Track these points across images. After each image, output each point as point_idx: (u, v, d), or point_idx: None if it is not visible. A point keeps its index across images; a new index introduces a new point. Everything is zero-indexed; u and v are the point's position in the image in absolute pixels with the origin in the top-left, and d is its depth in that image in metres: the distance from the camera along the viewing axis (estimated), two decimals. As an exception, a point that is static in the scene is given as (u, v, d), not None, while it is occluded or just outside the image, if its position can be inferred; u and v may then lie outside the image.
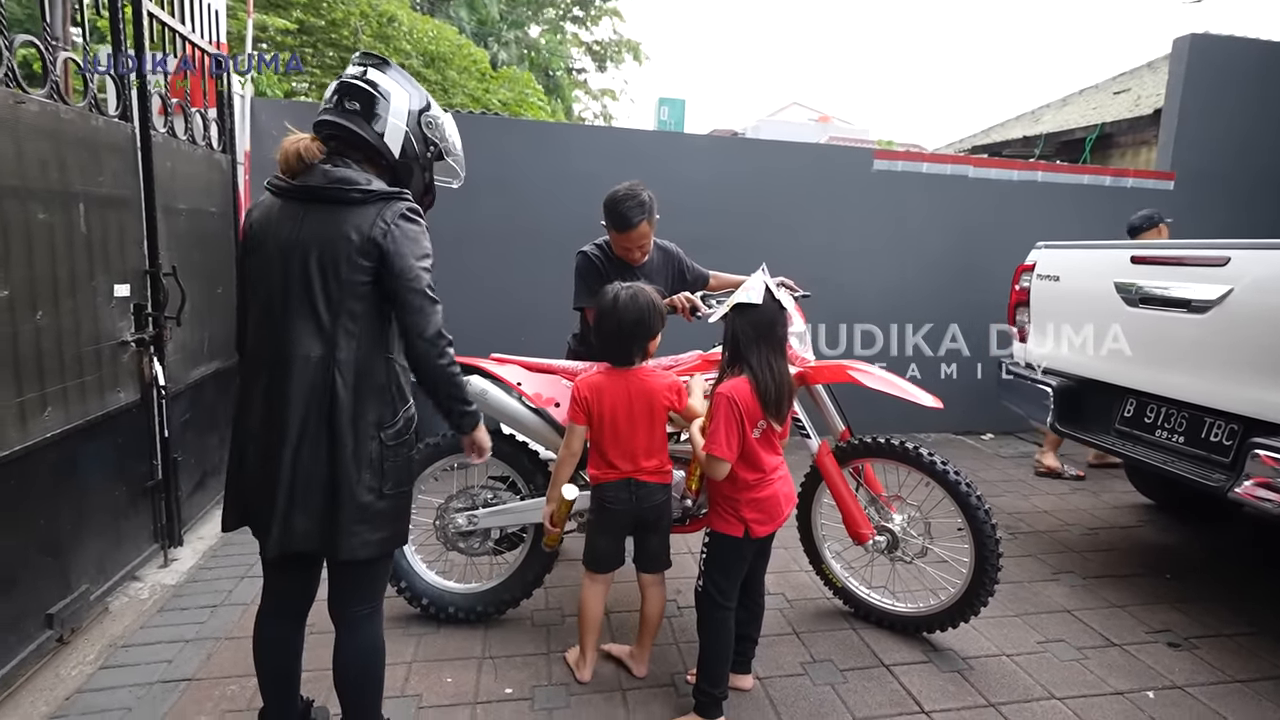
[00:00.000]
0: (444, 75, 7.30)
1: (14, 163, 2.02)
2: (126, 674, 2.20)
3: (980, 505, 2.33)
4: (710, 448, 1.88)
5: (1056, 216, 5.03)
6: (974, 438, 5.20)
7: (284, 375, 1.49)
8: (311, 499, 1.51)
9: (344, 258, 1.48)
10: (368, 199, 1.52)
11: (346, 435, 1.50)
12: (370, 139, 1.58)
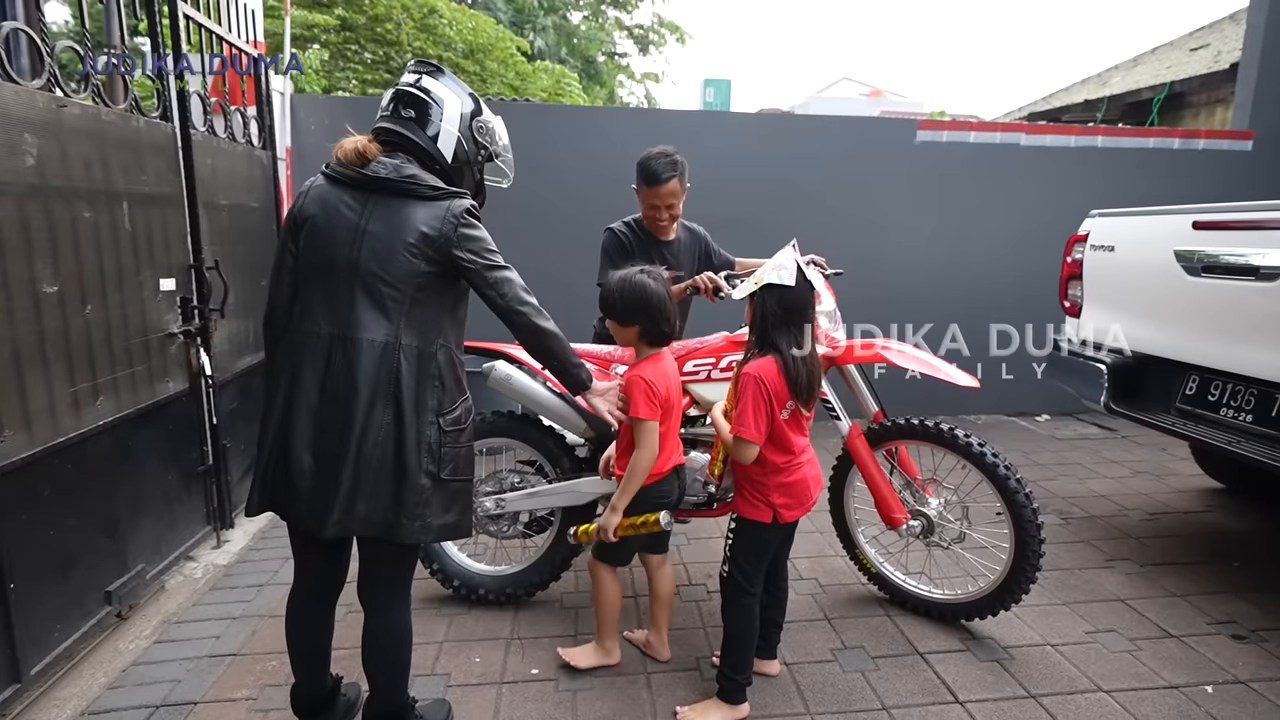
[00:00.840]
0: (483, 66, 7.36)
1: (59, 164, 2.13)
2: (178, 648, 2.32)
3: (1020, 488, 2.22)
4: (738, 430, 1.82)
5: (1121, 184, 4.73)
6: (1028, 419, 4.97)
7: (351, 358, 1.52)
8: (378, 483, 1.53)
9: (414, 249, 1.54)
10: (438, 195, 1.58)
11: (410, 419, 1.54)
12: (425, 145, 1.63)
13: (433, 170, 1.65)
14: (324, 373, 1.54)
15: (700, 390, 2.38)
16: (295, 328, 1.60)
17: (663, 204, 2.59)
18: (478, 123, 1.74)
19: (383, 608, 1.67)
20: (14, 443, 1.95)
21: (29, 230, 2.01)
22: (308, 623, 1.74)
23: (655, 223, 2.66)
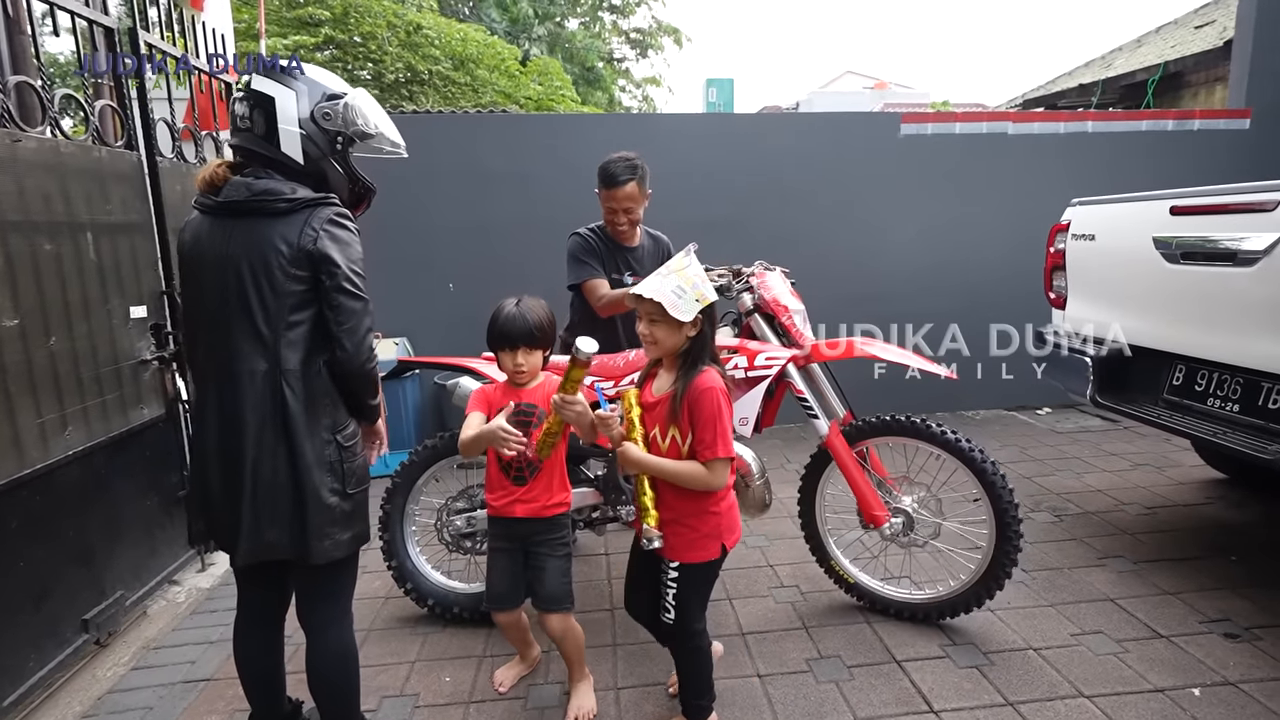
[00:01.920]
0: (473, 75, 7.39)
1: (15, 198, 2.15)
2: (154, 675, 2.32)
3: (994, 470, 2.25)
4: (720, 452, 1.63)
5: (1113, 170, 4.63)
6: (1029, 413, 4.88)
7: (234, 392, 1.52)
8: (278, 509, 1.53)
9: (276, 269, 1.49)
10: (294, 207, 1.51)
11: (304, 443, 1.52)
12: (269, 152, 1.56)
13: (298, 174, 1.58)
14: (218, 409, 1.54)
15: None
16: (196, 365, 1.61)
17: (620, 207, 2.57)
18: (321, 109, 1.59)
19: (317, 627, 1.67)
20: (-25, 477, 1.96)
21: (-15, 265, 2.03)
22: (252, 647, 1.73)
23: (615, 227, 2.64)
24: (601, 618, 2.54)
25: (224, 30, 3.47)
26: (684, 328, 1.64)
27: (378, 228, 4.26)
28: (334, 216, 1.54)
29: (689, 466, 1.66)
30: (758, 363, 2.34)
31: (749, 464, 2.37)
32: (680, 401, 1.66)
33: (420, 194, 4.27)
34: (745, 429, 2.36)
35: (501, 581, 2.02)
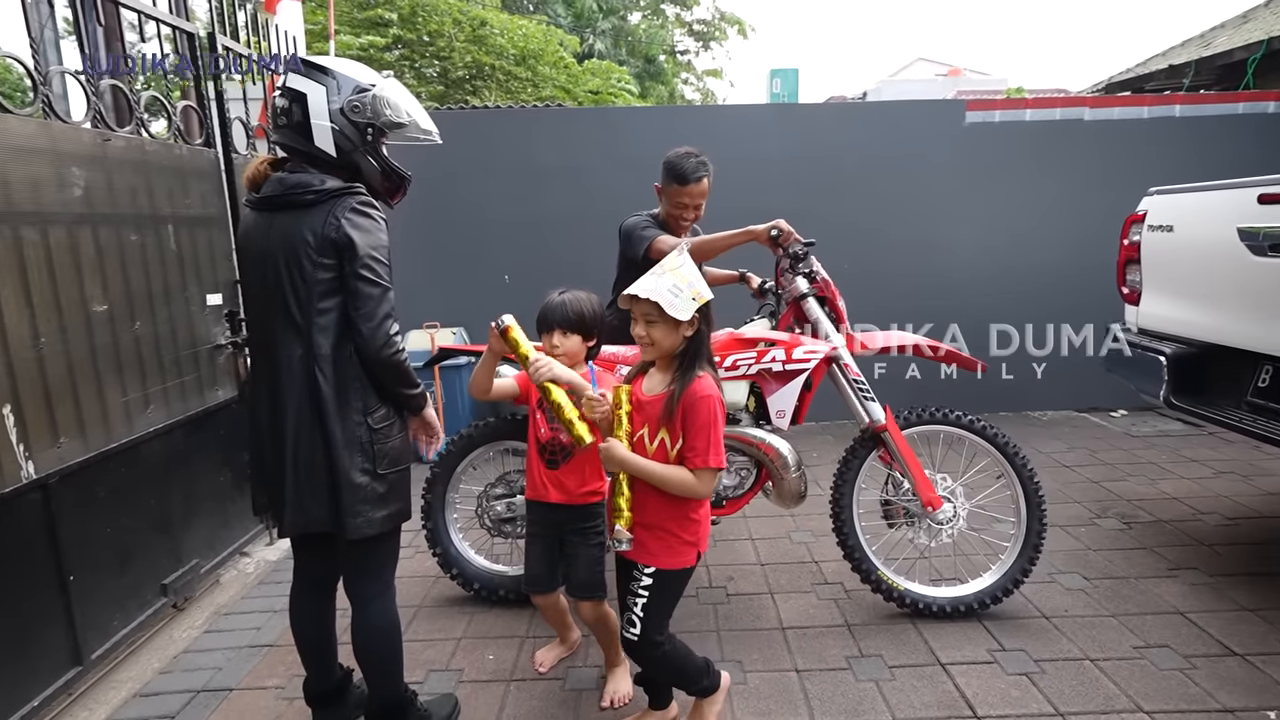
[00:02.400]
0: (535, 71, 7.51)
1: (105, 192, 2.33)
2: (223, 638, 2.49)
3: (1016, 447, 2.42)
4: (712, 460, 1.57)
5: (1204, 157, 4.31)
6: (1102, 415, 4.62)
7: (276, 376, 1.62)
8: (316, 485, 1.62)
9: (305, 258, 1.56)
10: (320, 199, 1.58)
11: (334, 424, 1.60)
12: (304, 146, 1.63)
13: (333, 167, 1.64)
14: (268, 391, 1.64)
15: None
16: (253, 350, 1.72)
17: (692, 203, 2.58)
18: (350, 103, 1.63)
19: (359, 600, 1.75)
20: (70, 448, 2.14)
21: (78, 255, 2.21)
22: (305, 616, 1.83)
23: (679, 221, 2.63)
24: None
25: (295, 33, 3.64)
26: (681, 327, 1.58)
27: (438, 221, 4.40)
28: (356, 205, 1.59)
29: (677, 472, 1.59)
30: (795, 355, 2.35)
31: (785, 455, 2.38)
32: (676, 404, 1.58)
33: (478, 188, 4.38)
34: (783, 421, 2.39)
35: (538, 565, 2.07)
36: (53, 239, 2.11)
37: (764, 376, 2.40)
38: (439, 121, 4.98)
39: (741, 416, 2.48)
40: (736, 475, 2.50)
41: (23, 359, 1.99)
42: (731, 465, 2.47)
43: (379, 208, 1.66)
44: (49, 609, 2.08)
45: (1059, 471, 3.65)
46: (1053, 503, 3.26)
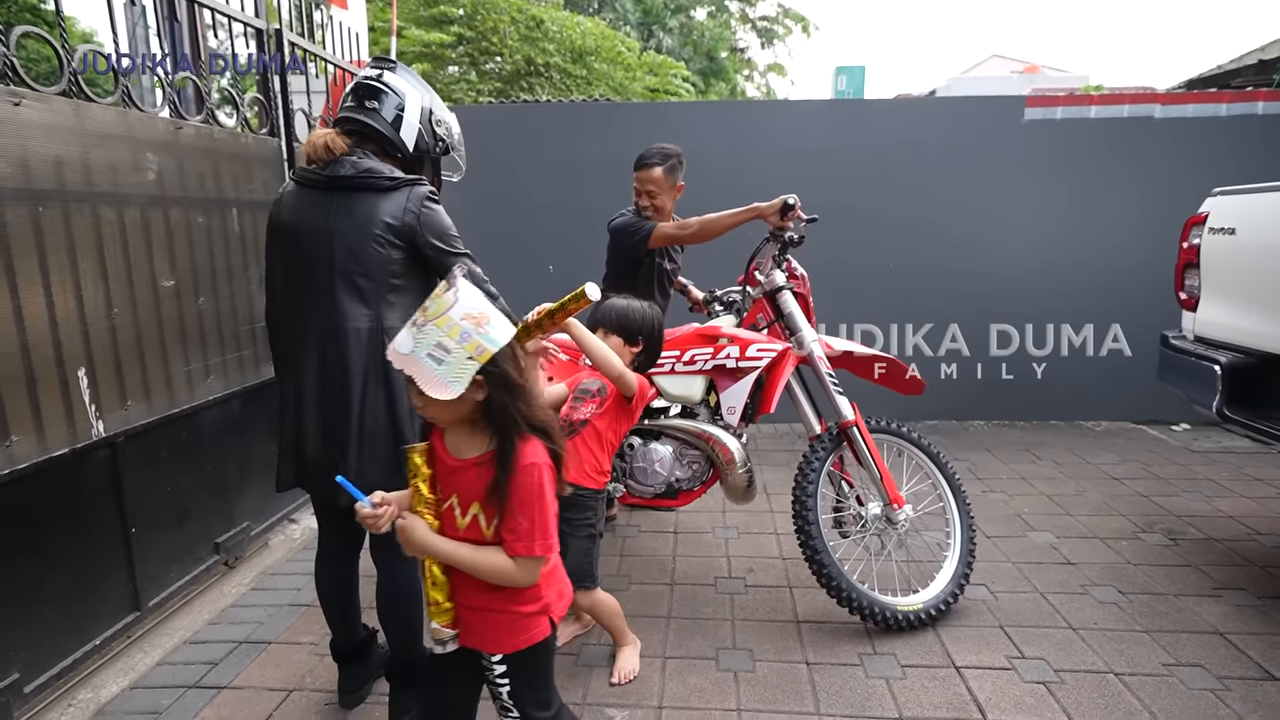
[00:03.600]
0: (590, 69, 7.63)
1: (176, 177, 2.51)
2: (268, 596, 2.66)
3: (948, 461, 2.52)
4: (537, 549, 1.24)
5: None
6: (1161, 428, 4.40)
7: (342, 346, 1.69)
8: (379, 454, 1.71)
9: (382, 240, 1.68)
10: (396, 185, 1.71)
11: (401, 395, 1.70)
12: (389, 134, 1.78)
13: (394, 159, 1.80)
14: (320, 363, 1.71)
15: (663, 382, 2.45)
16: (288, 325, 1.78)
17: (642, 189, 2.71)
18: (436, 117, 1.88)
19: (384, 564, 1.84)
20: (136, 410, 2.34)
21: (150, 234, 2.40)
22: (331, 577, 1.95)
23: (638, 206, 2.77)
24: (660, 590, 2.61)
25: (359, 30, 3.83)
26: (467, 393, 1.17)
27: (487, 211, 4.54)
28: (428, 195, 1.75)
29: (491, 559, 1.24)
30: (749, 353, 2.39)
31: (732, 452, 2.41)
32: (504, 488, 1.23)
33: (526, 180, 4.49)
34: (733, 418, 2.43)
35: None
36: (127, 218, 2.31)
37: (719, 372, 2.44)
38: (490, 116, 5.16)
39: (699, 411, 2.53)
40: (689, 468, 2.52)
41: (97, 327, 2.19)
42: (684, 458, 2.51)
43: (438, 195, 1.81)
44: (112, 558, 2.28)
45: (1105, 484, 3.51)
46: (1095, 515, 3.15)
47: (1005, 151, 4.30)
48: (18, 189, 1.93)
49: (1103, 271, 4.32)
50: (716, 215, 2.51)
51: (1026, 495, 3.41)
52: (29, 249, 1.96)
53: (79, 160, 2.12)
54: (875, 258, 4.42)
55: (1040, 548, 2.86)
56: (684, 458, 2.51)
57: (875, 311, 4.49)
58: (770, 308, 2.53)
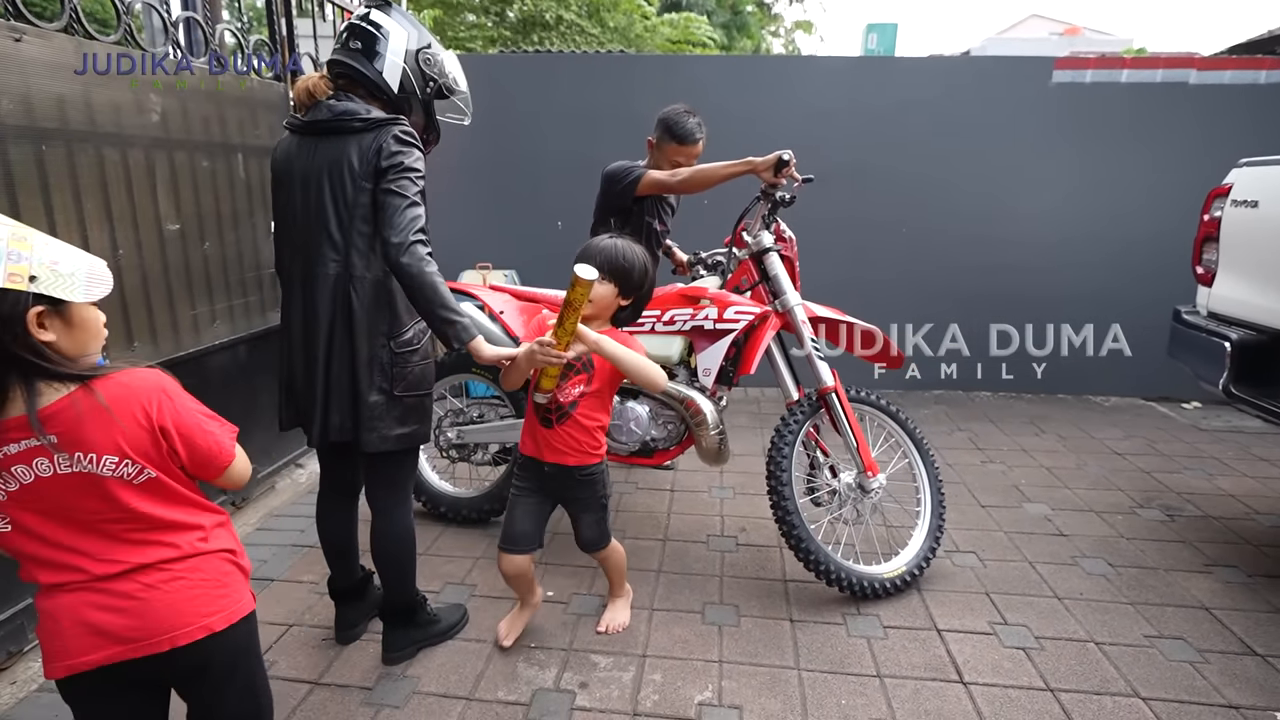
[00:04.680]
0: (604, 24, 7.40)
1: (180, 120, 2.51)
2: (272, 536, 2.74)
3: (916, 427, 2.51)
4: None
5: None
6: (1171, 405, 4.34)
7: (313, 291, 1.73)
8: (341, 398, 1.75)
9: (349, 180, 1.66)
10: (368, 126, 1.67)
11: (361, 343, 1.72)
12: (371, 75, 1.73)
13: (383, 101, 1.75)
14: (302, 307, 1.75)
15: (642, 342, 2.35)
16: (284, 269, 1.81)
17: (687, 163, 2.59)
18: (425, 55, 1.80)
19: (379, 510, 1.90)
20: (142, 352, 2.38)
21: (154, 176, 2.40)
22: (330, 518, 2.01)
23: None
24: (652, 545, 2.66)
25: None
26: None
27: (495, 164, 4.49)
28: (399, 133, 1.68)
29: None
30: (727, 315, 2.35)
31: (705, 414, 2.40)
32: None
33: (534, 133, 4.42)
34: (708, 379, 2.40)
35: (522, 522, 1.97)
36: (131, 160, 2.31)
37: (697, 334, 2.42)
38: (499, 66, 5.05)
39: (677, 372, 2.53)
40: (665, 428, 2.54)
41: (102, 268, 2.21)
42: (660, 418, 2.53)
43: (418, 138, 1.74)
44: (122, 492, 2.35)
45: (1108, 458, 3.49)
46: (1093, 489, 3.15)
47: (1029, 115, 4.16)
48: (20, 127, 1.93)
49: (1120, 242, 4.22)
50: (709, 167, 2.42)
51: (1026, 467, 3.40)
52: (33, 188, 1.98)
53: (81, 99, 2.12)
54: (886, 222, 4.34)
55: (1034, 519, 2.87)
56: (659, 417, 2.53)
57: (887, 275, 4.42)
58: (755, 269, 2.47)
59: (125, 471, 1.06)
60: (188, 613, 1.11)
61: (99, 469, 1.04)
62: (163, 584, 1.10)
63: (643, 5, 7.66)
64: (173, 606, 1.10)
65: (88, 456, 1.03)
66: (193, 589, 1.12)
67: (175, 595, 1.10)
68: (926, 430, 3.86)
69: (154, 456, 1.08)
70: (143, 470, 1.07)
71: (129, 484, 1.07)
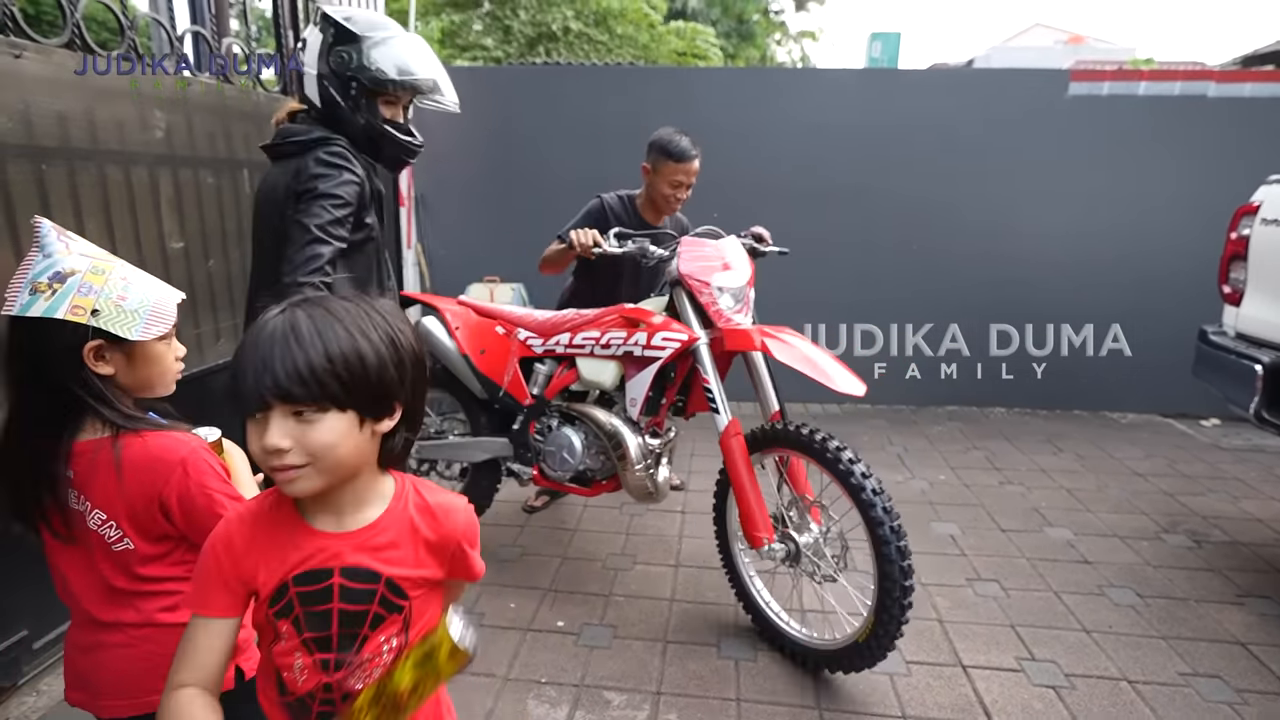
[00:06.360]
0: (612, 33, 7.38)
1: (185, 135, 2.46)
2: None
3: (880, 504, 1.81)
4: None
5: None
6: (1190, 422, 4.26)
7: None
8: None
9: (279, 208, 1.56)
10: (300, 149, 1.55)
11: None
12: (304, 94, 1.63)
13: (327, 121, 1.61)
14: None
15: (580, 365, 2.34)
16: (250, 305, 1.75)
17: (686, 181, 2.50)
18: (336, 53, 1.57)
19: None
20: (144, 373, 2.32)
21: (158, 194, 2.35)
22: None
23: (668, 202, 2.56)
24: (664, 571, 2.59)
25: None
26: None
27: (502, 177, 4.44)
28: (323, 154, 1.53)
29: None
30: (654, 341, 2.15)
31: (627, 448, 2.21)
32: None
33: (542, 146, 4.37)
34: (633, 410, 2.24)
35: None
36: (134, 178, 2.26)
37: (629, 360, 2.24)
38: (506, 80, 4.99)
39: (617, 398, 2.35)
40: (598, 458, 2.36)
41: (103, 288, 2.16)
42: (593, 447, 2.36)
43: (353, 160, 1.58)
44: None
45: (1129, 479, 3.41)
46: (1116, 513, 3.07)
47: (1046, 129, 4.09)
48: (20, 145, 1.88)
49: (1137, 258, 4.15)
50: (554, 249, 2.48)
51: (1045, 488, 3.32)
52: (33, 208, 1.92)
53: (83, 116, 2.07)
54: (896, 242, 4.27)
55: (1057, 544, 2.79)
56: (592, 446, 2.36)
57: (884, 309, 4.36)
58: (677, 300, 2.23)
59: (107, 533, 1.02)
60: (131, 686, 1.04)
61: (89, 520, 1.02)
62: (118, 646, 1.04)
63: (649, 14, 7.65)
64: (119, 674, 1.04)
65: (84, 502, 1.01)
66: (140, 661, 1.04)
67: (123, 664, 1.04)
68: (941, 449, 3.79)
69: (144, 527, 1.02)
70: (122, 538, 1.02)
71: (105, 545, 1.02)
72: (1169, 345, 4.16)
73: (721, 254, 2.18)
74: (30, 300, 0.95)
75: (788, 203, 4.10)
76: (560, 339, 2.39)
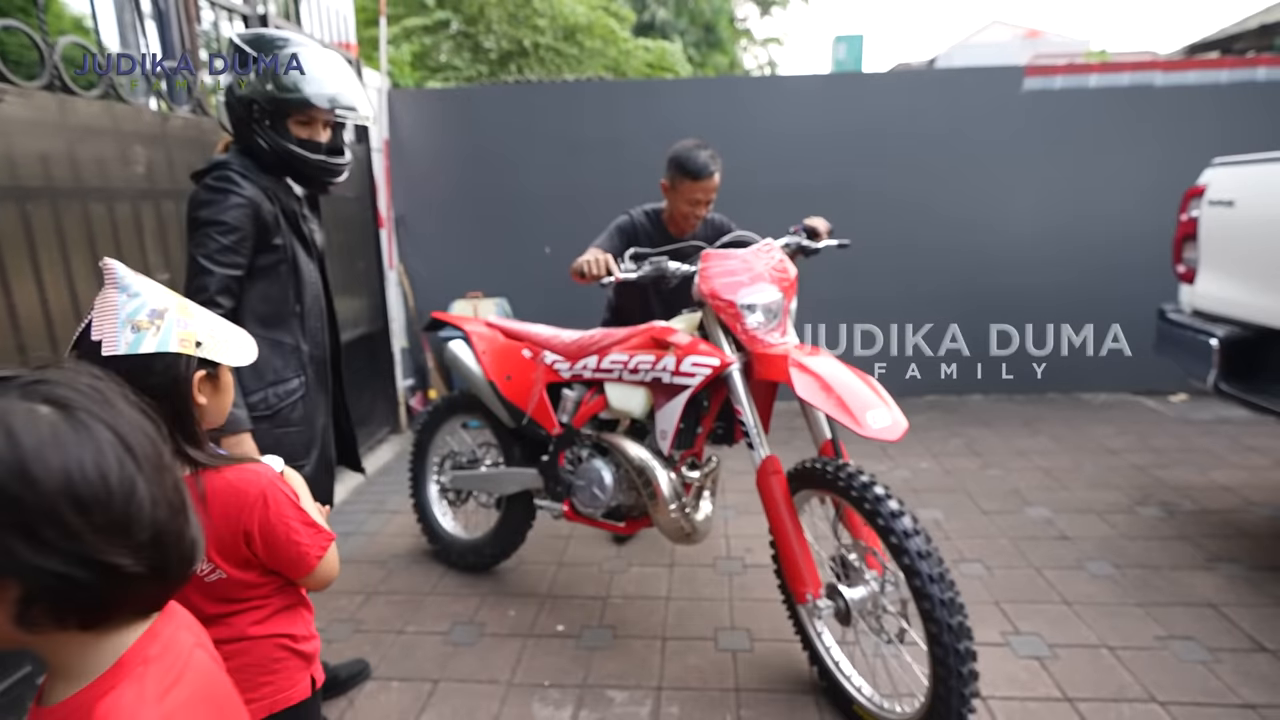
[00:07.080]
0: (583, 46, 7.47)
1: (166, 169, 2.50)
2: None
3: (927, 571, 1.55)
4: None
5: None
6: (1159, 399, 4.41)
7: None
8: None
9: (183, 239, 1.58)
10: (198, 177, 1.56)
11: None
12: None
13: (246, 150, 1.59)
14: None
15: (609, 391, 2.14)
16: None
17: (706, 198, 2.40)
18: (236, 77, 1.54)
19: None
20: (135, 405, 2.35)
21: (141, 228, 2.39)
22: None
23: (688, 219, 2.46)
24: (659, 571, 2.65)
25: (345, 13, 3.76)
26: None
27: (482, 193, 4.50)
28: (209, 181, 1.52)
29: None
30: (683, 367, 1.92)
31: (658, 485, 2.01)
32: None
33: (518, 161, 4.44)
34: (664, 444, 2.02)
35: None
36: (118, 214, 2.29)
37: (656, 387, 2.01)
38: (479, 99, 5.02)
39: (650, 428, 2.11)
40: (630, 494, 2.16)
41: (92, 323, 2.18)
42: (624, 482, 2.15)
43: (240, 183, 1.53)
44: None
45: (1102, 457, 3.53)
46: (1092, 488, 3.18)
47: (1003, 124, 4.24)
48: (4, 187, 1.91)
49: (1096, 246, 4.29)
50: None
51: (1024, 470, 3.43)
52: (19, 248, 1.95)
53: (65, 156, 2.10)
54: (873, 240, 4.37)
55: (1036, 523, 2.89)
56: (624, 481, 2.15)
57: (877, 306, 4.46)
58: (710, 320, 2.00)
59: (200, 567, 1.03)
60: None
61: None
62: None
63: (615, 30, 7.76)
64: None
65: None
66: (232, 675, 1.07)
67: None
68: (922, 437, 3.89)
69: (234, 557, 1.07)
70: (214, 570, 1.07)
71: (199, 578, 1.06)
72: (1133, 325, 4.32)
73: (749, 265, 1.92)
74: (137, 337, 0.95)
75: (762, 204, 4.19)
76: (588, 362, 2.18)
